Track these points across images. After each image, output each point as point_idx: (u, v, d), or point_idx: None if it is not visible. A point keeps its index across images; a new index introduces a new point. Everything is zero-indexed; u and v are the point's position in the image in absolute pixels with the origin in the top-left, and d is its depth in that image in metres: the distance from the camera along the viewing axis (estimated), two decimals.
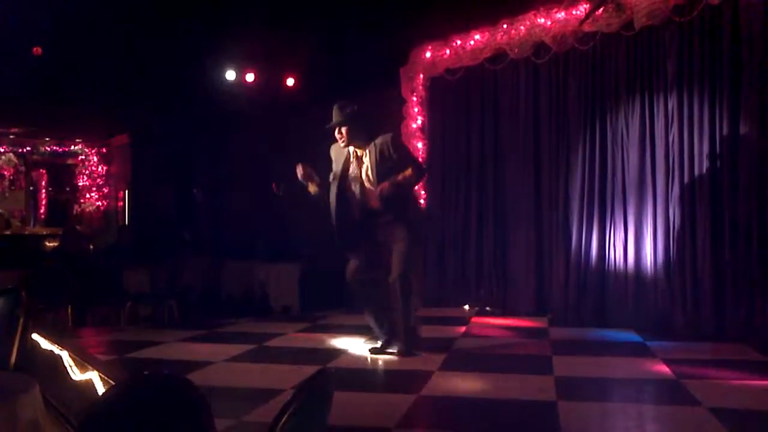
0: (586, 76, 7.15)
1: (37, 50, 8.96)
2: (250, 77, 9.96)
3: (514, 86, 7.83)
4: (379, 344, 5.61)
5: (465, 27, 7.93)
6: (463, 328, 6.81)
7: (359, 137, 5.46)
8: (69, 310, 7.43)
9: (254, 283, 8.87)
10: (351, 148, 5.52)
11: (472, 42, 7.92)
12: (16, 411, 2.50)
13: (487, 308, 7.93)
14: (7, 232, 12.89)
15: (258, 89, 10.07)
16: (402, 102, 8.71)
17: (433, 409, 4.21)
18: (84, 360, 4.88)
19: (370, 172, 5.40)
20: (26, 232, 13.20)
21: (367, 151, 5.41)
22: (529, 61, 7.57)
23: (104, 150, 14.05)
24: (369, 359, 5.48)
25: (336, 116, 5.48)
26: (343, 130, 5.45)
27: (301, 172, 5.46)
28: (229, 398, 4.22)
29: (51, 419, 3.71)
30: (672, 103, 6.38)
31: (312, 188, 5.49)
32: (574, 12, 6.98)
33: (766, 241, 5.75)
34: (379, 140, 5.42)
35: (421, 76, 8.59)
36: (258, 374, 5.05)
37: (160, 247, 9.42)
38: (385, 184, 5.21)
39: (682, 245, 6.27)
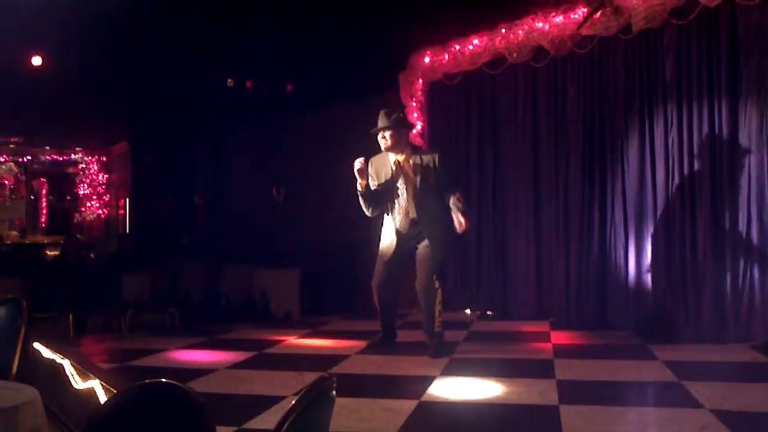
0: (585, 80, 7.16)
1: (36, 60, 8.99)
2: (248, 83, 9.98)
3: (512, 90, 7.84)
4: (377, 340, 5.98)
5: (463, 32, 7.94)
6: (464, 333, 6.80)
7: (401, 143, 5.69)
8: (70, 319, 7.44)
9: (255, 290, 8.86)
10: (391, 156, 5.72)
11: (470, 47, 7.93)
12: (18, 420, 2.50)
13: (488, 312, 7.93)
14: (8, 242, 12.91)
15: (257, 95, 10.09)
16: (401, 107, 8.71)
17: (435, 414, 4.19)
18: (85, 368, 4.89)
19: (408, 187, 5.64)
20: (27, 241, 13.21)
21: (411, 163, 5.66)
22: (528, 65, 7.58)
23: (104, 158, 14.07)
24: (371, 365, 5.49)
25: (382, 121, 5.70)
26: (387, 134, 5.64)
27: (361, 165, 5.55)
28: (230, 405, 4.21)
29: (53, 428, 3.71)
30: (670, 105, 6.39)
31: (361, 184, 5.62)
32: (572, 16, 6.99)
33: (765, 244, 5.75)
34: (426, 157, 5.69)
35: (420, 81, 8.60)
36: (259, 381, 5.05)
37: (161, 255, 9.42)
38: (466, 224, 5.49)
39: (683, 247, 6.27)
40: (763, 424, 3.72)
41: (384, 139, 5.67)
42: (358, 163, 5.53)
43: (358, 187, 5.63)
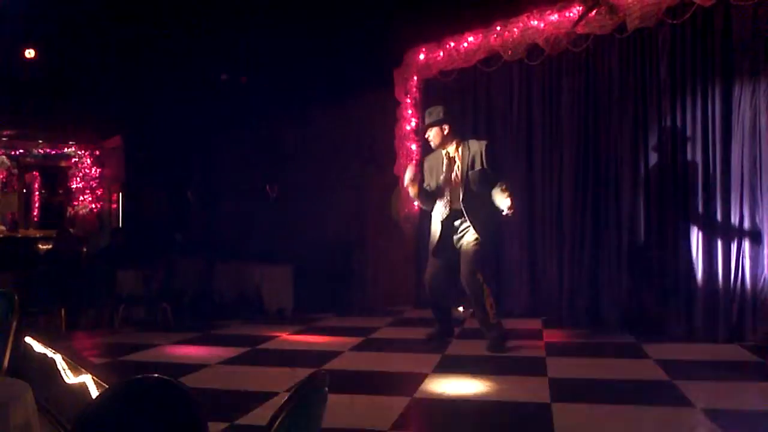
0: (579, 78, 7.16)
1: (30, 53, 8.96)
2: (243, 79, 9.95)
3: (507, 88, 7.84)
4: (433, 334, 6.10)
5: (458, 29, 7.94)
6: (456, 330, 6.80)
7: (447, 139, 5.82)
8: (62, 313, 7.42)
9: (248, 285, 8.85)
10: (443, 151, 5.85)
11: (465, 44, 7.93)
12: (9, 415, 2.49)
13: None
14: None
15: (252, 91, 10.07)
16: (396, 104, 8.71)
17: (427, 411, 4.20)
18: (77, 363, 4.87)
19: (458, 173, 5.72)
20: (19, 235, 13.15)
21: (460, 151, 5.76)
22: (523, 62, 7.58)
23: (97, 152, 14.01)
24: (364, 361, 5.49)
25: (426, 119, 5.90)
26: (431, 133, 5.85)
27: (412, 174, 5.72)
28: (223, 401, 4.21)
29: (44, 423, 3.70)
30: (664, 104, 6.40)
31: (413, 189, 5.75)
32: (567, 14, 6.99)
33: (757, 243, 5.77)
34: (473, 145, 5.77)
35: (415, 77, 8.60)
36: (252, 377, 5.04)
37: (154, 250, 9.39)
38: (512, 204, 5.39)
39: (675, 246, 6.29)
40: (754, 423, 3.74)
41: (429, 136, 5.88)
42: (410, 172, 5.72)
43: (411, 193, 5.79)
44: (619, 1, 6.48)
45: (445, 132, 5.81)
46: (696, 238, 6.14)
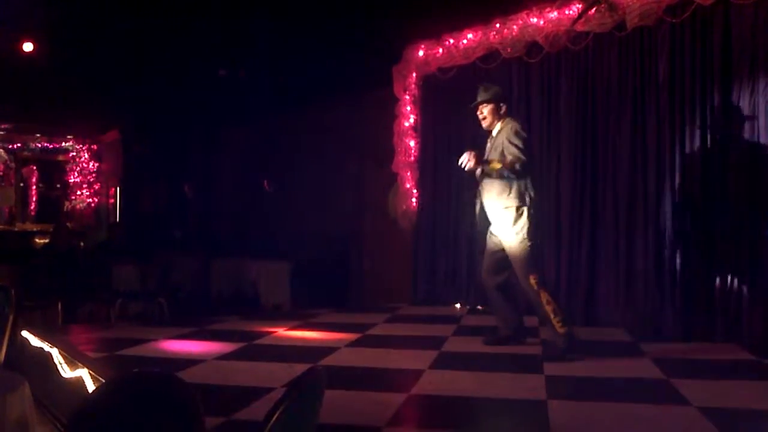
0: (578, 76, 7.16)
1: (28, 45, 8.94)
2: (242, 74, 9.94)
3: (506, 85, 7.79)
4: (495, 337, 5.73)
5: (458, 26, 7.94)
6: (453, 327, 6.81)
7: (497, 118, 5.45)
8: (59, 307, 7.41)
9: (245, 281, 8.86)
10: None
11: (464, 41, 7.92)
12: (5, 409, 2.49)
13: (478, 307, 7.94)
14: None
15: (250, 86, 10.06)
16: (395, 100, 8.71)
17: (424, 407, 4.20)
18: (74, 357, 4.87)
19: (485, 155, 5.38)
20: (16, 229, 13.13)
21: (497, 130, 5.41)
22: (522, 60, 7.58)
23: (95, 146, 14.00)
24: (361, 357, 5.49)
25: (480, 95, 5.49)
26: (486, 109, 5.44)
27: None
28: (219, 396, 4.20)
29: (40, 417, 3.70)
30: (663, 103, 6.40)
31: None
32: (566, 12, 6.99)
33: (755, 241, 5.78)
34: (507, 125, 5.36)
35: (414, 74, 8.60)
36: (248, 372, 5.03)
37: (151, 245, 9.39)
38: (471, 160, 5.18)
39: (673, 245, 6.29)
40: (749, 421, 3.75)
41: (481, 113, 5.47)
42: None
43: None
44: None
45: (502, 111, 5.42)
46: (694, 236, 6.14)
